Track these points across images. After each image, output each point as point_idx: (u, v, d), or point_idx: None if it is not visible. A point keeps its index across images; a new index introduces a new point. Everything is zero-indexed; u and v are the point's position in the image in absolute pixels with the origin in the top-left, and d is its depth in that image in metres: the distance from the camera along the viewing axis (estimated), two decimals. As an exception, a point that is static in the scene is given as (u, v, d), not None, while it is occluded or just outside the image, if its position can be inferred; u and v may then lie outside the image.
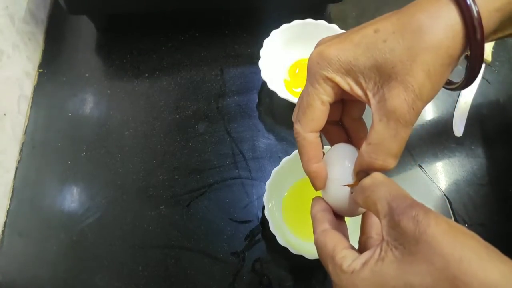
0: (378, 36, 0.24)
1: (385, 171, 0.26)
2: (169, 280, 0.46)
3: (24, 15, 0.55)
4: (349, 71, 0.25)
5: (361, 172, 0.27)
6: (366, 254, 0.23)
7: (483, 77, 0.57)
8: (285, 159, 0.47)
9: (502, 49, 0.59)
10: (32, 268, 0.47)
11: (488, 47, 0.58)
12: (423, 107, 0.24)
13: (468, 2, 0.23)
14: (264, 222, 0.47)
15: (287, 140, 0.53)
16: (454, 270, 0.19)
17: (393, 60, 0.24)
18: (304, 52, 0.55)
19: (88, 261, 0.47)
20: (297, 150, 0.47)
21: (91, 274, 0.46)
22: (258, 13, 0.60)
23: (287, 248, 0.42)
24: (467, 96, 0.56)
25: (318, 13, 0.59)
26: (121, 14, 0.59)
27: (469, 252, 0.19)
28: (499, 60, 0.58)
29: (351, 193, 0.28)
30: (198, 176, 0.51)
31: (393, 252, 0.21)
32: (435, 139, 0.53)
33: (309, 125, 0.28)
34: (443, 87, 0.28)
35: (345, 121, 0.32)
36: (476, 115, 0.55)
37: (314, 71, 0.27)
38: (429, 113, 0.55)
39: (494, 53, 0.58)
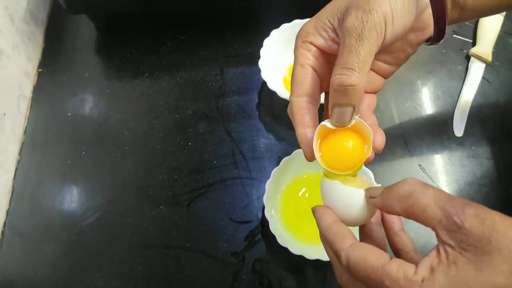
0: None
1: (349, 88, 0.26)
2: (169, 280, 0.46)
3: (24, 15, 0.55)
4: (317, 23, 0.29)
5: (334, 106, 0.27)
6: (426, 261, 0.22)
7: (483, 77, 0.57)
8: (285, 159, 0.47)
9: (502, 49, 0.59)
10: (32, 267, 0.47)
11: (488, 47, 0.58)
12: (379, 22, 0.25)
13: None
14: (264, 222, 0.47)
15: (287, 140, 0.53)
16: None
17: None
18: (304, 52, 0.55)
19: (87, 260, 0.47)
20: (297, 150, 0.47)
21: (91, 274, 0.46)
22: (258, 13, 0.60)
23: (287, 248, 0.42)
24: (467, 96, 0.56)
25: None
26: (121, 14, 0.59)
27: None
28: (499, 60, 0.58)
29: (370, 197, 0.26)
30: (198, 176, 0.51)
31: (464, 254, 0.20)
32: (435, 139, 0.53)
33: (295, 90, 0.29)
34: (424, 43, 0.32)
35: None
36: (476, 115, 0.55)
37: (295, 43, 0.30)
38: (430, 113, 0.55)
39: (494, 53, 0.58)
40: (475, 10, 0.32)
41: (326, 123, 0.28)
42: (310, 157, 0.29)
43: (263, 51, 0.52)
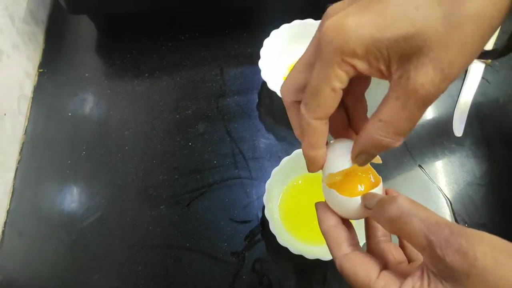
0: (408, 2, 0.20)
1: (389, 149, 0.24)
2: (169, 280, 0.46)
3: (24, 15, 0.55)
4: (370, 48, 0.21)
5: (362, 153, 0.25)
6: (409, 283, 0.22)
7: (483, 77, 0.57)
8: (285, 159, 0.47)
9: (502, 49, 0.59)
10: (32, 267, 0.47)
11: (488, 47, 0.58)
12: (447, 88, 0.21)
13: None
14: (264, 222, 0.47)
15: (287, 140, 0.53)
16: None
17: (426, 31, 0.20)
18: (304, 52, 0.55)
19: (87, 260, 0.47)
20: (297, 150, 0.47)
21: (91, 274, 0.46)
22: (258, 13, 0.60)
23: (287, 248, 0.42)
24: (467, 96, 0.56)
25: (318, 13, 0.59)
26: (121, 14, 0.59)
27: None
28: (499, 60, 0.58)
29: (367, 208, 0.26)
30: (198, 176, 0.51)
31: (444, 284, 0.21)
32: (435, 139, 0.53)
33: (316, 112, 0.25)
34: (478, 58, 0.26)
35: (346, 99, 0.29)
36: (476, 115, 0.55)
37: (327, 51, 0.22)
38: (429, 113, 0.55)
39: (494, 53, 0.58)
40: None
41: (347, 166, 0.27)
42: (314, 171, 0.28)
43: (263, 51, 0.52)
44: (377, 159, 0.29)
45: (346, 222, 0.29)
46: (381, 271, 0.24)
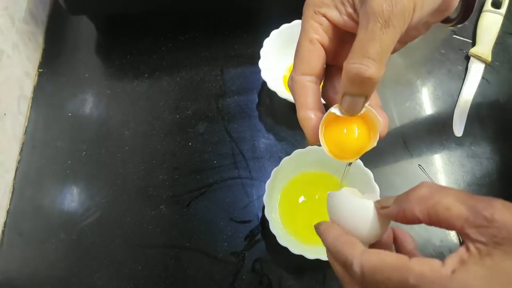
0: None
1: (366, 79, 0.23)
2: (169, 280, 0.46)
3: (24, 15, 0.55)
4: None
5: (345, 95, 0.25)
6: (454, 256, 0.20)
7: (483, 77, 0.57)
8: (285, 159, 0.47)
9: (502, 49, 0.59)
10: (32, 267, 0.47)
11: (488, 47, 0.58)
12: (408, 8, 0.23)
13: None
14: (264, 222, 0.47)
15: (287, 140, 0.53)
16: None
17: None
18: (304, 52, 0.55)
19: (87, 260, 0.47)
20: (297, 150, 0.47)
21: (91, 273, 0.46)
22: (258, 13, 0.60)
23: (287, 248, 0.42)
24: (467, 96, 0.56)
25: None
26: (121, 15, 0.59)
27: None
28: (499, 60, 0.58)
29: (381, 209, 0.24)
30: (198, 176, 0.51)
31: (499, 248, 0.19)
32: (434, 139, 0.53)
33: (300, 68, 0.26)
34: (441, 22, 0.29)
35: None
36: (476, 115, 0.55)
37: (304, 10, 0.26)
38: (429, 113, 0.55)
39: (494, 53, 0.58)
40: None
41: (335, 110, 0.26)
42: (314, 141, 0.27)
43: (263, 51, 0.52)
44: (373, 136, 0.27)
45: None
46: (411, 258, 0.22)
